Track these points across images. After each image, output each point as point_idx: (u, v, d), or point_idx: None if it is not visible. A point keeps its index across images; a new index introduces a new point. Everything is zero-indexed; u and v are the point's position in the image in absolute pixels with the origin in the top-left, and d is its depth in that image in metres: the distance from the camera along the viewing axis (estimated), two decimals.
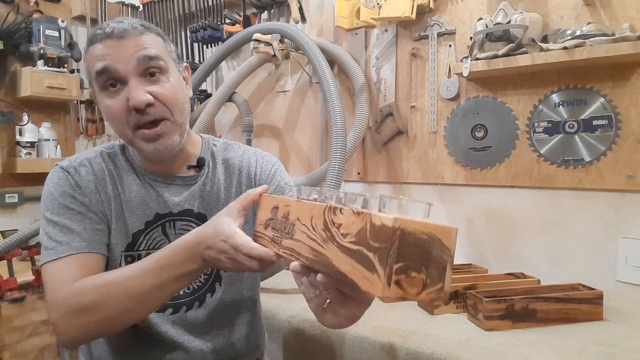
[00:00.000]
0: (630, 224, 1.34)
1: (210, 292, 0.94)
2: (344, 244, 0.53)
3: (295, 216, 0.63)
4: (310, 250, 0.58)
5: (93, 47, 0.83)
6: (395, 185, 1.79)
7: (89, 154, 0.92)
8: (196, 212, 0.93)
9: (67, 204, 0.85)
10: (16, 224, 2.20)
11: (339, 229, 0.54)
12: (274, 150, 2.12)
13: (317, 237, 0.57)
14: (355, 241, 0.51)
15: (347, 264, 0.52)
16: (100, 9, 2.47)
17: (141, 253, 0.90)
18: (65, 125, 2.38)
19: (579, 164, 1.39)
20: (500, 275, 1.35)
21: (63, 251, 0.81)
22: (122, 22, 0.84)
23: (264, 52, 1.77)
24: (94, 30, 0.85)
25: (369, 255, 0.48)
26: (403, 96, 1.73)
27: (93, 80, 0.85)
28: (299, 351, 1.21)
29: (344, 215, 0.54)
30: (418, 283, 0.48)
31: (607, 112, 1.35)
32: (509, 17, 1.37)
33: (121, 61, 0.81)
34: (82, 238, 0.83)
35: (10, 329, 1.74)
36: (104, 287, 0.76)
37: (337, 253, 0.53)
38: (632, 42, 1.20)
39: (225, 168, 0.98)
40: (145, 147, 0.84)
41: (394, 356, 1.05)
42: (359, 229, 0.51)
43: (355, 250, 0.51)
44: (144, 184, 0.91)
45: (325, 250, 0.55)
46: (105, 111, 0.86)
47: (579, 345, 1.01)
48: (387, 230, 0.47)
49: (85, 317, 0.75)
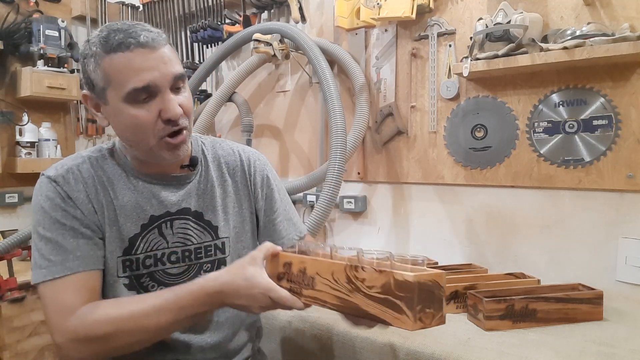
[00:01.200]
0: (630, 224, 1.34)
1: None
2: (370, 294, 0.69)
3: (314, 271, 0.76)
4: (335, 298, 0.73)
5: (122, 55, 0.79)
6: (395, 185, 1.79)
7: (75, 160, 0.89)
8: (193, 211, 0.94)
9: (58, 219, 0.83)
10: (16, 224, 2.20)
11: (364, 282, 0.70)
12: (274, 150, 2.12)
13: (342, 288, 0.72)
14: (382, 292, 0.68)
15: (376, 309, 0.68)
16: (100, 9, 2.47)
17: (139, 257, 0.89)
18: (65, 125, 2.38)
19: (579, 164, 1.39)
20: (500, 275, 1.35)
21: (57, 271, 0.81)
22: (150, 31, 0.81)
23: (264, 52, 1.77)
24: (114, 34, 0.79)
25: (397, 301, 0.66)
26: (403, 96, 1.73)
27: (115, 88, 0.81)
28: (299, 351, 1.21)
29: (367, 272, 0.69)
30: (430, 315, 0.66)
31: (607, 112, 1.35)
32: (509, 17, 1.37)
33: (160, 76, 0.81)
34: (75, 256, 0.83)
35: (10, 329, 1.74)
36: (119, 321, 0.79)
37: (364, 300, 0.70)
38: (632, 42, 1.20)
39: (217, 166, 0.99)
40: (167, 155, 0.86)
41: (394, 356, 1.05)
42: (383, 282, 0.67)
43: (382, 298, 0.68)
44: (137, 187, 0.90)
45: (352, 298, 0.71)
46: (128, 120, 0.82)
47: (579, 345, 1.01)
48: (409, 284, 0.64)
49: (95, 347, 0.79)
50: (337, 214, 1.94)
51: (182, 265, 0.93)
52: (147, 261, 0.90)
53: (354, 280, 0.71)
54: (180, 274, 0.93)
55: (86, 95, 0.87)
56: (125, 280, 0.89)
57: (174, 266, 0.92)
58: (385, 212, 1.82)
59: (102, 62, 0.80)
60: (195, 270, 0.94)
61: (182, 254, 0.93)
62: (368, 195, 1.86)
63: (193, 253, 0.94)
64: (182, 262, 0.93)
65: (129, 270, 0.89)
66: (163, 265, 0.91)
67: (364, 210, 1.87)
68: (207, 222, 0.95)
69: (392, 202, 1.80)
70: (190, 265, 0.94)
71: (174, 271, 0.92)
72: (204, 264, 0.95)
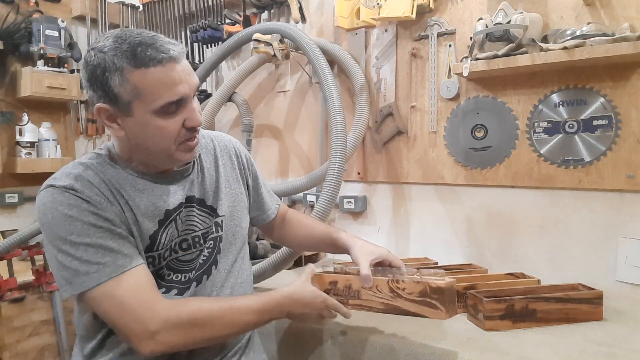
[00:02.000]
0: (630, 224, 1.34)
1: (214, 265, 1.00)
2: (411, 298, 0.98)
3: (359, 286, 1.03)
4: (380, 304, 1.01)
5: (155, 71, 0.79)
6: (395, 185, 1.79)
7: (76, 168, 0.87)
8: (197, 198, 0.98)
9: (92, 223, 0.82)
10: (16, 224, 2.20)
11: (404, 291, 0.99)
12: (274, 150, 2.12)
13: (385, 296, 1.00)
14: (419, 295, 0.97)
15: (416, 308, 0.97)
16: (100, 9, 2.47)
17: (161, 252, 0.91)
18: (65, 125, 2.38)
19: (579, 164, 1.39)
20: (500, 275, 1.34)
21: (114, 270, 0.80)
22: (174, 44, 0.82)
23: (264, 52, 1.77)
24: (140, 49, 0.79)
25: (432, 301, 0.95)
26: (403, 96, 1.73)
27: (145, 102, 0.80)
28: (299, 351, 1.21)
29: (407, 283, 0.98)
30: (453, 308, 0.97)
31: (607, 112, 1.35)
32: (509, 17, 1.37)
33: (189, 88, 0.84)
34: (123, 254, 0.82)
35: (10, 329, 1.74)
36: (215, 311, 0.87)
37: (405, 302, 0.98)
38: (632, 42, 1.20)
39: (205, 153, 1.04)
40: (185, 157, 0.90)
41: (394, 356, 1.05)
42: (421, 289, 0.97)
43: (420, 300, 0.97)
44: (146, 187, 0.91)
45: (394, 302, 1.00)
46: (154, 131, 0.83)
47: (579, 345, 1.01)
48: (441, 289, 0.95)
49: (192, 332, 0.84)
50: (337, 214, 1.94)
51: (194, 251, 0.96)
52: (165, 254, 0.93)
53: (396, 290, 0.99)
54: (193, 260, 0.96)
55: (104, 108, 0.84)
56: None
57: (186, 253, 0.95)
58: (385, 212, 1.82)
59: (132, 76, 0.79)
60: (201, 253, 0.98)
61: (193, 240, 0.96)
62: (368, 195, 1.86)
63: (201, 238, 0.98)
64: (194, 247, 0.96)
65: (151, 267, 0.90)
66: (176, 253, 0.94)
67: (364, 210, 1.87)
68: (209, 207, 1.00)
69: (392, 202, 1.80)
70: (201, 250, 0.98)
71: (187, 257, 0.96)
72: (207, 247, 0.99)
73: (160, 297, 0.85)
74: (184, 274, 0.95)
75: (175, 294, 0.93)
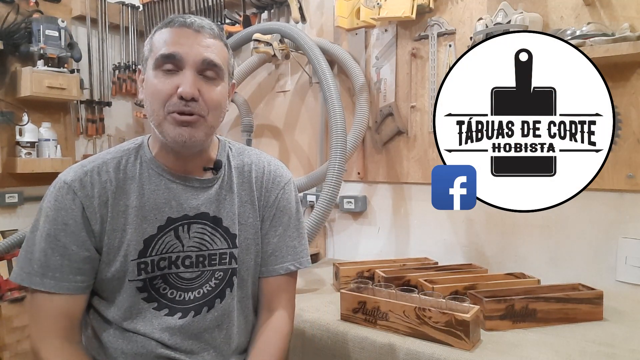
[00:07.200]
0: (630, 224, 1.34)
1: (220, 298, 0.94)
2: (436, 327, 1.03)
3: (387, 309, 1.10)
4: (407, 327, 1.07)
5: (166, 30, 0.86)
6: (395, 185, 1.79)
7: (97, 161, 0.90)
8: (212, 216, 0.93)
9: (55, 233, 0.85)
10: (16, 224, 2.20)
11: (430, 319, 1.04)
12: (273, 150, 2.12)
13: (412, 322, 1.06)
14: (445, 325, 1.02)
15: (441, 335, 1.02)
16: (100, 9, 2.47)
17: (154, 258, 0.89)
18: (65, 125, 2.38)
19: None
20: (500, 276, 1.34)
21: (36, 283, 0.84)
22: (203, 21, 0.88)
23: (264, 52, 1.77)
24: (174, 16, 0.89)
25: (458, 332, 1.00)
26: (403, 96, 1.73)
27: (152, 57, 0.86)
28: (299, 351, 1.21)
29: (433, 312, 1.03)
30: (477, 338, 1.03)
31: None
32: (509, 17, 1.37)
33: (189, 53, 0.84)
34: (53, 276, 0.85)
35: (10, 329, 1.74)
36: None
37: (431, 329, 1.04)
38: (632, 42, 1.20)
39: (239, 174, 0.98)
40: (171, 131, 0.85)
41: (394, 356, 1.05)
42: (447, 320, 1.01)
43: (446, 329, 1.02)
44: (159, 187, 0.90)
45: (420, 328, 1.05)
46: (149, 88, 0.86)
47: (579, 345, 1.01)
48: (466, 322, 0.99)
49: None
50: (337, 214, 1.94)
51: (196, 270, 0.92)
52: (161, 263, 0.89)
53: (422, 317, 1.05)
54: (194, 279, 0.92)
55: (138, 70, 0.93)
56: (138, 283, 0.88)
57: (188, 270, 0.91)
58: (385, 212, 1.82)
59: (154, 36, 0.88)
60: (207, 276, 0.93)
61: (197, 259, 0.92)
62: (368, 195, 1.86)
63: (207, 259, 0.93)
64: (196, 267, 0.92)
65: (144, 273, 0.88)
66: (177, 268, 0.91)
67: (364, 210, 1.87)
68: (224, 229, 0.94)
69: (392, 202, 1.80)
70: (204, 271, 0.93)
71: (187, 275, 0.91)
72: (216, 271, 0.93)
73: (55, 335, 0.85)
74: (180, 293, 0.91)
75: (165, 314, 0.89)
